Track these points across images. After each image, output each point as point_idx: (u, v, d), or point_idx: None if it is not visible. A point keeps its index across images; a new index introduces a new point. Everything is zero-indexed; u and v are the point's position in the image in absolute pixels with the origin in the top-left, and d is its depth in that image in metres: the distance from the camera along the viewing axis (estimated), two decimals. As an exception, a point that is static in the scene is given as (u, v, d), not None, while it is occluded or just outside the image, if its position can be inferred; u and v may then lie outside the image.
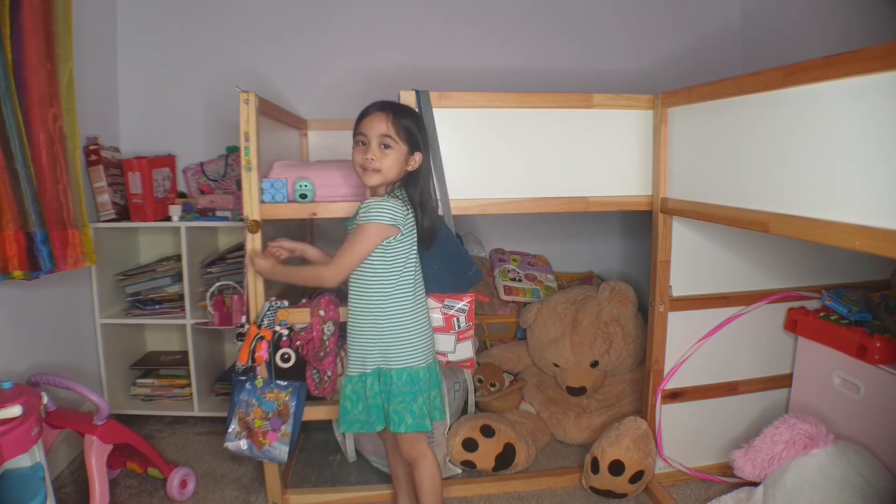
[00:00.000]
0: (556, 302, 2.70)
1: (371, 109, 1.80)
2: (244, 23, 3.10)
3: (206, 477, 2.37)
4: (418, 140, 1.82)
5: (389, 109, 1.79)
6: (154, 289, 2.87)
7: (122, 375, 2.89)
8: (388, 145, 1.76)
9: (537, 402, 2.66)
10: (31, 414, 1.64)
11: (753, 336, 2.24)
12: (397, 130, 1.77)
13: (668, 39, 3.39)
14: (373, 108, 1.80)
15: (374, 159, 1.75)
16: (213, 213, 2.82)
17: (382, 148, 1.76)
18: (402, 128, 1.78)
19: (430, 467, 1.87)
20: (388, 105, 1.81)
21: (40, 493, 1.64)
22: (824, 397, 2.10)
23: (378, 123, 1.76)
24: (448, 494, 2.17)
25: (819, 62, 1.34)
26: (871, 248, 1.23)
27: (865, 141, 1.25)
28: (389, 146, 1.77)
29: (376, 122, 1.77)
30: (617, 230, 3.52)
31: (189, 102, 3.09)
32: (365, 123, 1.78)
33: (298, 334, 2.02)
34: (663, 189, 2.08)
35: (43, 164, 2.10)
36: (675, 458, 2.24)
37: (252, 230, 1.97)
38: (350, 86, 3.14)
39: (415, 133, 1.81)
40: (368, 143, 1.76)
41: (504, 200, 2.07)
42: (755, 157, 1.60)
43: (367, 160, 1.76)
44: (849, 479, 1.78)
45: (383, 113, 1.77)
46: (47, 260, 2.09)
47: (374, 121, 1.77)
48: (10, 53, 1.96)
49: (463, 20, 3.25)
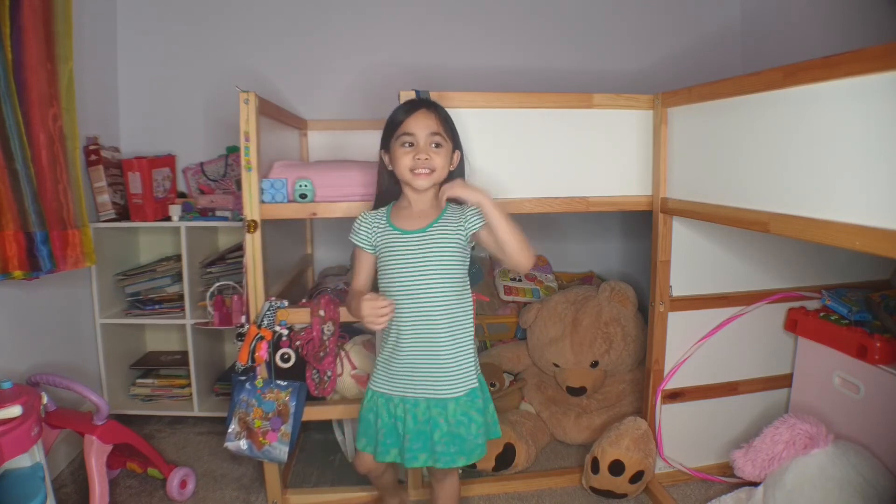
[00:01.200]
0: (556, 302, 2.70)
1: (416, 107, 1.69)
2: (244, 23, 3.10)
3: (205, 477, 2.37)
4: (458, 136, 1.76)
5: (433, 106, 1.71)
6: (154, 289, 2.87)
7: (121, 375, 2.89)
8: (439, 144, 1.67)
9: (537, 402, 2.66)
10: (30, 414, 1.64)
11: (753, 336, 2.24)
12: (446, 127, 1.70)
13: (668, 39, 3.39)
14: (418, 106, 1.69)
15: (428, 159, 1.64)
16: (213, 213, 2.82)
17: (433, 147, 1.67)
18: (449, 124, 1.72)
19: (458, 478, 1.86)
20: (430, 102, 1.74)
21: (40, 493, 1.64)
22: (824, 397, 2.10)
23: (427, 121, 1.67)
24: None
25: (819, 62, 1.34)
26: (871, 248, 1.23)
27: (865, 141, 1.25)
28: (440, 144, 1.67)
29: (424, 119, 1.67)
30: (617, 230, 3.52)
31: (189, 102, 3.09)
32: (412, 122, 1.66)
33: (298, 334, 2.02)
34: (663, 189, 2.08)
35: (43, 164, 2.10)
36: (675, 458, 2.24)
37: (250, 230, 1.97)
38: (350, 86, 3.14)
39: (456, 129, 1.76)
40: (417, 142, 1.65)
41: (504, 200, 2.06)
42: (755, 157, 1.60)
43: (418, 161, 1.64)
44: (849, 479, 1.78)
45: (430, 110, 1.69)
46: (47, 260, 2.09)
47: (421, 118, 1.67)
48: (10, 53, 1.96)
49: (463, 20, 3.25)
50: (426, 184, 1.66)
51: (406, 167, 1.65)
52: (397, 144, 1.67)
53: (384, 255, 1.69)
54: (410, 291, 1.64)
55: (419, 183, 1.66)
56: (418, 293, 1.64)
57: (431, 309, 1.64)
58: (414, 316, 1.64)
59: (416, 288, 1.64)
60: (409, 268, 1.65)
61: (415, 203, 1.72)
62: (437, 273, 1.64)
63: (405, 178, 1.67)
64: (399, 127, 1.67)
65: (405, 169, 1.65)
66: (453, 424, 1.66)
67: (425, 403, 1.66)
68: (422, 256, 1.64)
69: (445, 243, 1.66)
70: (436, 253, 1.65)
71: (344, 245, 3.25)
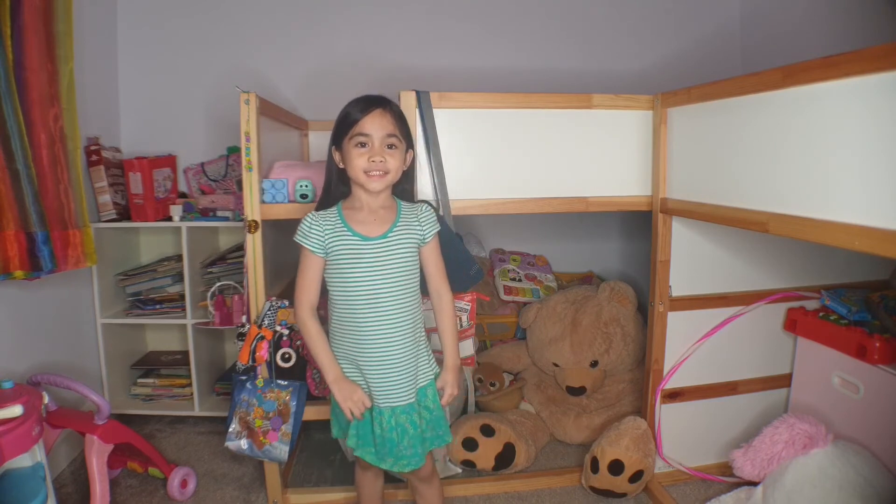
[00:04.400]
0: (555, 302, 2.71)
1: (371, 106, 1.61)
2: (245, 23, 3.11)
3: (206, 476, 2.38)
4: (411, 135, 1.73)
5: (388, 105, 1.64)
6: (155, 289, 2.87)
7: (122, 375, 2.89)
8: (393, 145, 1.62)
9: (537, 402, 2.66)
10: (31, 414, 1.64)
11: (753, 336, 2.24)
12: (401, 128, 1.65)
13: (667, 40, 3.39)
14: (372, 106, 1.61)
15: (383, 161, 1.59)
16: (213, 213, 2.82)
17: (388, 148, 1.61)
18: (403, 124, 1.67)
19: (439, 480, 1.88)
20: (385, 100, 1.65)
21: (41, 493, 1.65)
22: (824, 397, 2.10)
23: (383, 121, 1.60)
24: (448, 494, 2.17)
25: (819, 62, 1.34)
26: (870, 248, 1.23)
27: (865, 141, 1.25)
28: (395, 146, 1.62)
29: (380, 119, 1.60)
30: (616, 230, 3.52)
31: (190, 103, 3.10)
32: (367, 122, 1.59)
33: (299, 334, 2.02)
34: (663, 189, 2.08)
35: (44, 164, 2.11)
36: (674, 457, 2.25)
37: (251, 230, 1.97)
38: (350, 86, 3.09)
39: (409, 128, 1.71)
40: (372, 143, 1.59)
41: (504, 200, 2.07)
42: (755, 157, 1.60)
43: (373, 163, 1.59)
44: (848, 479, 1.79)
45: (386, 109, 1.62)
46: (48, 260, 2.09)
47: (377, 118, 1.60)
48: (10, 54, 1.96)
49: (463, 21, 3.25)
50: (380, 186, 1.62)
51: (360, 168, 1.60)
52: (351, 144, 1.61)
53: (341, 260, 1.63)
54: (375, 297, 1.62)
55: (373, 185, 1.61)
56: (383, 299, 1.62)
57: (395, 314, 1.63)
58: (378, 322, 1.63)
59: (381, 294, 1.62)
60: (373, 273, 1.61)
61: (367, 204, 1.66)
62: (400, 278, 1.64)
63: (359, 179, 1.62)
64: (353, 126, 1.61)
65: (359, 170, 1.60)
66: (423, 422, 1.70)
67: (390, 412, 1.66)
68: (385, 262, 1.62)
69: (406, 248, 1.66)
70: (399, 259, 1.64)
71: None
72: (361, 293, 1.62)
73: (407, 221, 1.68)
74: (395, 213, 1.68)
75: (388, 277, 1.62)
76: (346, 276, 1.63)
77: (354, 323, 1.63)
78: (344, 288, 1.64)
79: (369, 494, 1.94)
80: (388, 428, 1.64)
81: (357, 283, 1.62)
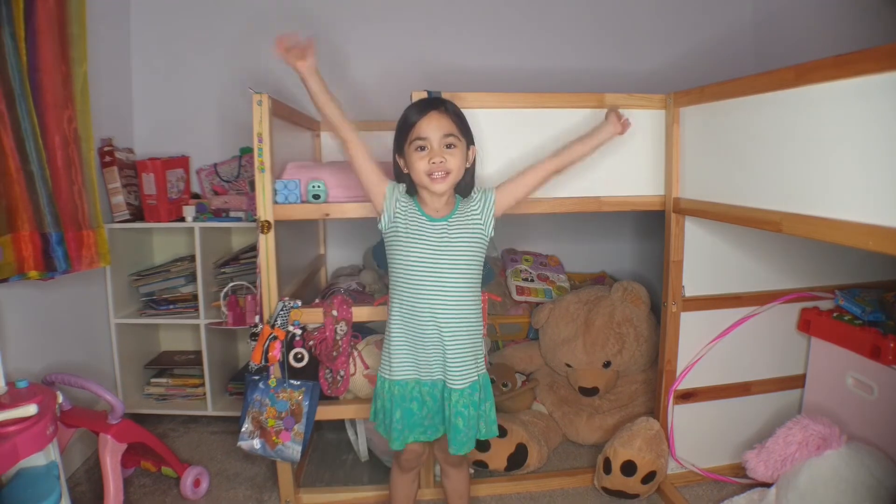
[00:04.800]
0: (568, 302, 2.70)
1: (427, 108, 1.64)
2: (257, 24, 3.11)
3: (219, 476, 2.39)
4: (471, 132, 1.73)
5: (445, 105, 1.66)
6: (168, 289, 2.89)
7: (136, 375, 2.91)
8: (453, 144, 1.64)
9: (549, 403, 2.66)
10: (46, 413, 1.66)
11: (766, 336, 2.23)
12: (459, 126, 1.66)
13: (680, 39, 3.37)
14: (429, 107, 1.65)
15: (443, 161, 1.61)
16: (226, 213, 2.84)
17: (447, 148, 1.63)
18: (462, 121, 1.68)
19: (468, 473, 1.93)
20: (441, 101, 1.69)
21: (55, 492, 1.66)
22: (838, 398, 2.09)
23: (440, 122, 1.63)
24: (460, 494, 2.17)
25: (831, 61, 1.33)
26: (884, 248, 1.22)
27: (878, 140, 1.25)
28: (454, 145, 1.64)
29: (437, 120, 1.63)
30: (629, 230, 3.51)
31: (203, 104, 3.11)
32: (424, 125, 1.62)
33: (311, 334, 2.03)
34: (676, 189, 2.08)
35: (58, 165, 2.12)
36: (687, 458, 2.24)
37: (264, 231, 1.98)
38: (362, 86, 3.14)
39: (468, 125, 1.72)
40: (431, 146, 1.62)
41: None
42: (767, 157, 1.59)
43: (434, 165, 1.61)
44: (862, 480, 1.77)
45: (442, 110, 1.65)
46: (62, 260, 2.11)
47: (434, 120, 1.63)
48: (24, 56, 1.98)
49: (474, 21, 3.25)
50: (444, 187, 1.64)
51: (422, 172, 1.63)
52: (412, 149, 1.64)
53: (406, 237, 1.68)
54: (434, 277, 1.66)
55: (437, 187, 1.64)
56: (441, 280, 1.66)
57: (451, 297, 1.66)
58: (434, 302, 1.66)
59: (441, 275, 1.66)
60: (435, 254, 1.66)
61: (431, 203, 1.71)
62: (460, 261, 1.68)
63: (422, 182, 1.65)
64: (411, 130, 1.64)
65: (421, 174, 1.63)
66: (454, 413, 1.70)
67: (441, 384, 1.70)
68: (447, 243, 1.67)
69: (464, 236, 1.69)
70: (460, 241, 1.68)
71: (356, 245, 3.27)
72: (422, 270, 1.67)
73: (463, 211, 1.72)
74: (452, 206, 1.74)
75: (449, 259, 1.67)
76: (410, 252, 1.67)
77: (412, 303, 1.68)
78: (406, 264, 1.68)
79: (405, 496, 1.94)
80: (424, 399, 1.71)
81: (419, 260, 1.67)
